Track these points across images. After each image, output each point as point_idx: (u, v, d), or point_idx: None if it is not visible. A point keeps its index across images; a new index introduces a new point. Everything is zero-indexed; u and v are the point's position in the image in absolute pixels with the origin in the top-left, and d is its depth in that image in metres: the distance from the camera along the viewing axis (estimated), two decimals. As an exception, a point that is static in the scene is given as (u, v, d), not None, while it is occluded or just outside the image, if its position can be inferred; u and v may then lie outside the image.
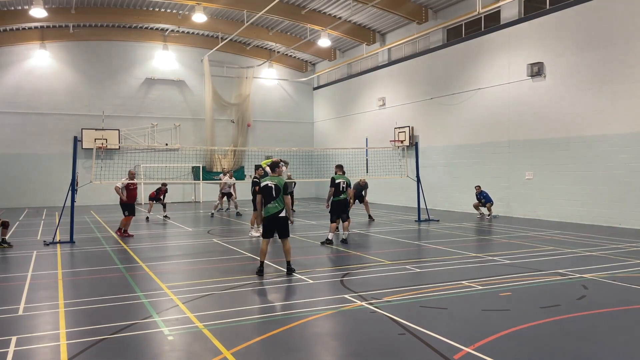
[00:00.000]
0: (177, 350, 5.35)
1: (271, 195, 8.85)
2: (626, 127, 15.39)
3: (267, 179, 9.13)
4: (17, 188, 26.28)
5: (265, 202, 8.96)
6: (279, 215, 8.86)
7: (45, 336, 5.82)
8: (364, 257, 10.62)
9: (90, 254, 11.51)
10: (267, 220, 8.95)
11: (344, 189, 12.92)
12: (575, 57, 16.82)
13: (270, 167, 9.51)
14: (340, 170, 13.33)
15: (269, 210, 8.90)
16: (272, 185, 8.87)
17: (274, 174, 9.16)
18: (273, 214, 8.87)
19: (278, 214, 8.86)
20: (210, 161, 30.17)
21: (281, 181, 8.95)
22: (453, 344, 5.33)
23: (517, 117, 18.89)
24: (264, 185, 8.97)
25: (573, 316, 6.42)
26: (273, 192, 8.84)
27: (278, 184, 8.89)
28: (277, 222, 8.91)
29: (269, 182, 8.95)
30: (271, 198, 8.86)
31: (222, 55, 29.73)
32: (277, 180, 8.94)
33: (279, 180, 8.95)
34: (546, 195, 17.82)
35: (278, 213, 8.86)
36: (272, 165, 9.43)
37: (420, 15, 22.94)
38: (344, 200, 13.05)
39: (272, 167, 9.36)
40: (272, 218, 8.90)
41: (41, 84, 26.98)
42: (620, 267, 9.32)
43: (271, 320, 6.39)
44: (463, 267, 9.55)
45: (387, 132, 25.48)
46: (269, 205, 8.90)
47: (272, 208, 8.88)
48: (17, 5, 23.50)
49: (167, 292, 7.73)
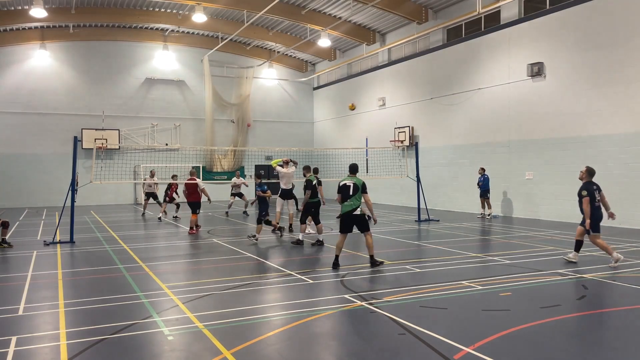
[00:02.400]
0: (177, 350, 5.35)
1: (348, 194, 9.36)
2: (626, 127, 15.39)
3: (345, 178, 9.64)
4: (17, 188, 26.28)
5: (343, 200, 9.45)
6: (353, 213, 9.36)
7: (45, 336, 5.82)
8: (364, 257, 10.61)
9: (90, 254, 11.51)
10: (343, 217, 9.47)
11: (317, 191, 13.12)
12: (575, 57, 16.82)
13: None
14: (308, 171, 13.37)
15: (344, 208, 9.44)
16: (350, 185, 9.40)
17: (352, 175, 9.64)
18: (348, 211, 9.39)
19: (353, 212, 9.36)
20: (210, 161, 30.17)
21: (359, 181, 9.48)
22: (453, 344, 5.32)
23: (517, 117, 18.89)
24: (342, 184, 9.51)
25: (573, 316, 6.42)
26: (350, 191, 9.36)
27: (357, 183, 9.41)
28: (354, 219, 9.43)
29: (347, 181, 9.49)
30: (348, 196, 9.36)
31: (222, 55, 29.74)
32: (355, 180, 9.46)
33: (357, 180, 9.47)
34: (546, 195, 17.82)
35: (353, 211, 9.36)
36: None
37: (420, 15, 22.94)
38: (319, 201, 13.12)
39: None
40: (347, 215, 9.42)
41: (41, 84, 26.99)
42: (620, 267, 9.32)
43: (271, 320, 6.39)
44: (463, 267, 9.55)
45: (387, 132, 25.48)
46: (345, 203, 9.42)
47: (347, 206, 9.39)
48: (17, 5, 23.50)
49: (167, 292, 7.73)
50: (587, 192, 9.46)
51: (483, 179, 18.60)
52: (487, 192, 18.49)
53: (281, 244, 12.86)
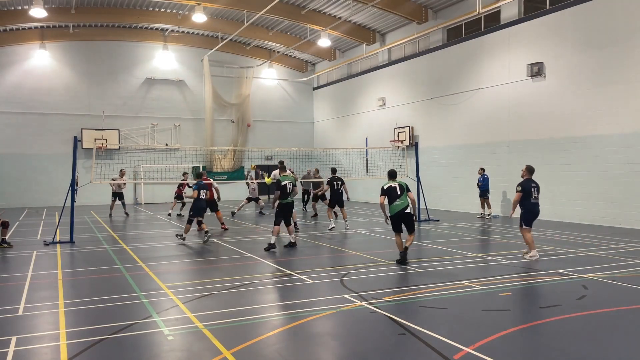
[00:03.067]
0: (177, 350, 5.35)
1: (396, 195, 9.77)
2: (626, 127, 15.39)
3: (389, 182, 10.02)
4: (17, 188, 26.27)
5: (391, 201, 9.82)
6: (405, 211, 9.74)
7: (45, 336, 5.82)
8: (364, 257, 10.62)
9: (90, 254, 11.51)
10: (396, 216, 9.80)
11: (290, 191, 12.03)
12: (575, 57, 16.82)
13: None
14: (283, 170, 12.70)
15: (395, 207, 9.77)
16: (395, 186, 9.85)
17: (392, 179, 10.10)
18: (400, 210, 9.74)
19: (405, 210, 9.74)
20: (210, 161, 30.16)
21: (403, 182, 9.96)
22: (453, 344, 5.32)
23: (517, 117, 18.89)
24: (388, 186, 9.90)
25: (573, 316, 6.42)
26: (398, 191, 9.79)
27: (401, 184, 9.91)
28: (405, 217, 9.78)
29: (392, 183, 9.94)
30: (396, 196, 9.76)
31: (222, 55, 29.73)
32: (399, 182, 9.96)
33: (401, 182, 9.97)
34: (546, 195, 17.77)
35: (405, 209, 9.74)
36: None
37: (420, 15, 22.94)
38: (291, 203, 12.15)
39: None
40: (399, 214, 9.76)
41: (41, 84, 26.98)
42: (620, 267, 9.32)
43: (271, 320, 6.39)
44: (463, 267, 9.56)
45: (387, 132, 25.48)
46: (394, 203, 9.77)
47: (398, 205, 9.76)
48: (17, 5, 23.49)
49: (167, 292, 7.73)
50: (521, 188, 10.25)
51: (483, 179, 18.61)
52: (486, 192, 18.52)
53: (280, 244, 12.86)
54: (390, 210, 9.90)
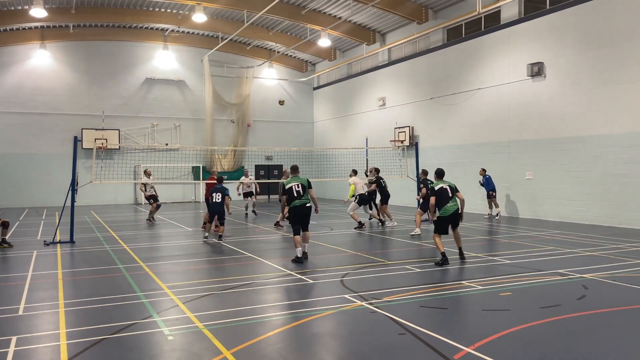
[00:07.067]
0: (177, 350, 5.35)
1: (447, 197, 9.95)
2: (626, 127, 15.39)
3: (438, 182, 10.15)
4: (17, 188, 26.28)
5: (442, 204, 9.96)
6: (458, 211, 10.00)
7: (45, 336, 5.82)
8: (364, 257, 10.61)
9: (90, 254, 11.51)
10: (445, 219, 9.99)
11: (299, 193, 10.47)
12: (575, 57, 16.82)
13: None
14: (291, 173, 10.98)
15: (446, 210, 9.94)
16: (446, 187, 10.01)
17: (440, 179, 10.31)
18: (451, 213, 9.94)
19: (457, 211, 9.99)
20: (210, 161, 30.16)
21: (452, 183, 10.22)
22: (453, 344, 5.32)
23: (517, 117, 18.89)
24: (440, 187, 10.02)
25: (573, 316, 6.41)
26: (449, 193, 9.98)
27: (451, 185, 10.10)
28: (455, 218, 10.01)
29: (443, 185, 10.06)
30: (448, 198, 9.95)
31: (222, 55, 29.74)
32: (449, 183, 10.13)
33: (450, 183, 10.16)
34: (546, 195, 17.82)
35: (455, 212, 9.97)
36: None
37: (420, 15, 22.94)
38: (302, 206, 10.50)
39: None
40: (449, 217, 9.96)
41: (41, 84, 26.98)
42: (620, 267, 9.32)
43: (271, 320, 6.39)
44: (463, 267, 9.56)
45: (387, 132, 25.48)
46: (446, 206, 9.93)
47: (450, 208, 9.93)
48: (17, 5, 23.50)
49: (167, 292, 7.73)
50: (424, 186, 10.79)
51: (485, 180, 18.51)
52: (492, 192, 18.34)
53: (281, 244, 12.86)
54: (441, 212, 10.00)
